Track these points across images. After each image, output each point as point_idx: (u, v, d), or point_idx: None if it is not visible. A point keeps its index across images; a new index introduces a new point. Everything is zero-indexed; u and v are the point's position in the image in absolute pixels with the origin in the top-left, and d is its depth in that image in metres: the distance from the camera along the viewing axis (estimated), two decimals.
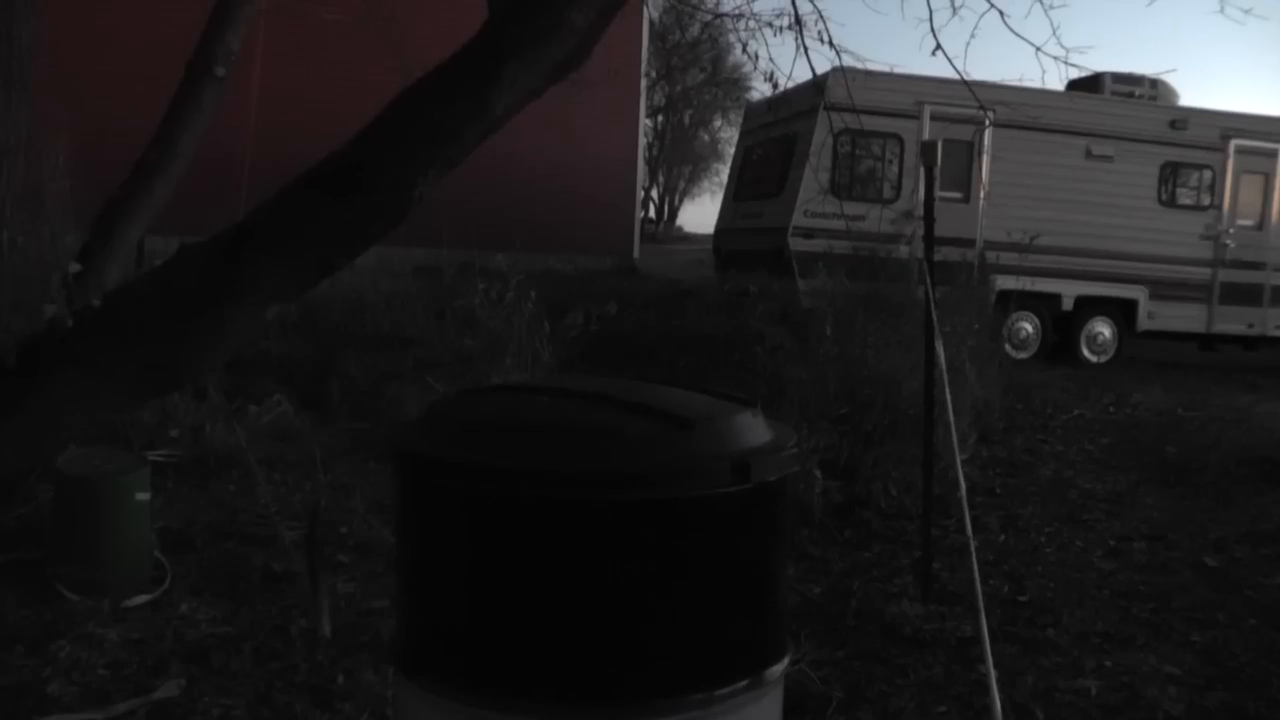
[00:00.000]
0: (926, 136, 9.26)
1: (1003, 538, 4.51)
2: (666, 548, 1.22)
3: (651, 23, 15.80)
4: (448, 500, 1.29)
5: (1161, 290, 10.86)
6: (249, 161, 7.81)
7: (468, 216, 9.90)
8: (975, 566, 3.01)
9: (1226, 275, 11.06)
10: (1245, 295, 11.12)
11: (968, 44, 6.68)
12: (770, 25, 6.06)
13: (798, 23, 5.58)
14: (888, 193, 10.14)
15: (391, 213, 2.85)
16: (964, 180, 10.17)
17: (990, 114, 6.42)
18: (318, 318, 6.85)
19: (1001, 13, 5.14)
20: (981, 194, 10.21)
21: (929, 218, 3.72)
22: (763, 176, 11.39)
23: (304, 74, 12.30)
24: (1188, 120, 10.95)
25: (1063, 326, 10.83)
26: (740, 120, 15.37)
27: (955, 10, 5.25)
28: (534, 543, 1.22)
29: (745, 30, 6.28)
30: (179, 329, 2.73)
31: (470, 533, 1.26)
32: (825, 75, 6.64)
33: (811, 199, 8.62)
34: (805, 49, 5.55)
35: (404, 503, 1.37)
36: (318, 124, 6.20)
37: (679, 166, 40.40)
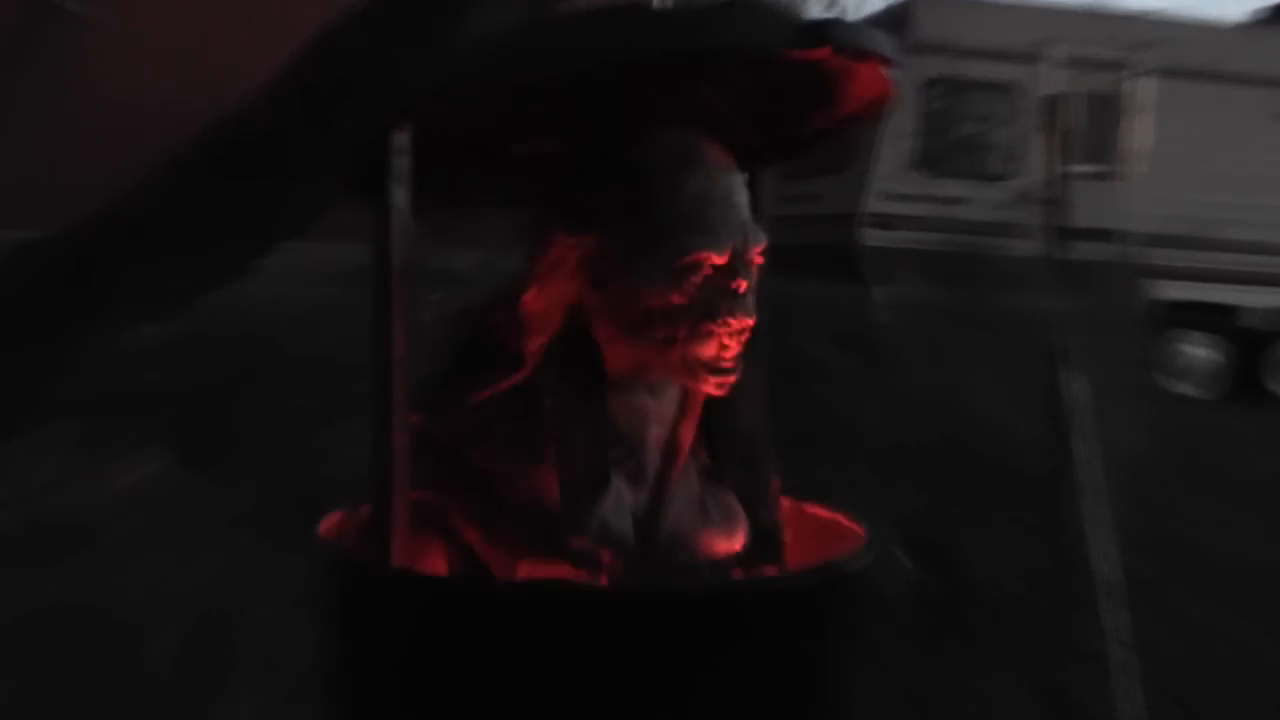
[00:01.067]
0: (1054, 88, 9.29)
1: (1165, 645, 4.48)
2: (701, 647, 1.25)
3: None
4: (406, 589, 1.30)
5: None
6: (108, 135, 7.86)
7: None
8: (1135, 686, 2.99)
9: None
10: None
11: None
12: None
13: None
14: (998, 167, 10.16)
15: (316, 197, 2.86)
16: (1108, 149, 10.19)
17: (1146, 57, 6.42)
18: (212, 339, 6.90)
19: None
20: (1134, 168, 10.24)
21: (1058, 200, 3.73)
22: None
23: (212, 22, 12.42)
24: None
25: (1249, 350, 10.80)
26: None
27: None
28: (532, 642, 1.24)
29: None
30: (9, 360, 2.74)
31: (438, 631, 1.27)
32: (910, 1, 6.68)
33: (890, 175, 8.66)
34: None
35: (341, 593, 1.38)
36: (231, 85, 6.25)
37: None
